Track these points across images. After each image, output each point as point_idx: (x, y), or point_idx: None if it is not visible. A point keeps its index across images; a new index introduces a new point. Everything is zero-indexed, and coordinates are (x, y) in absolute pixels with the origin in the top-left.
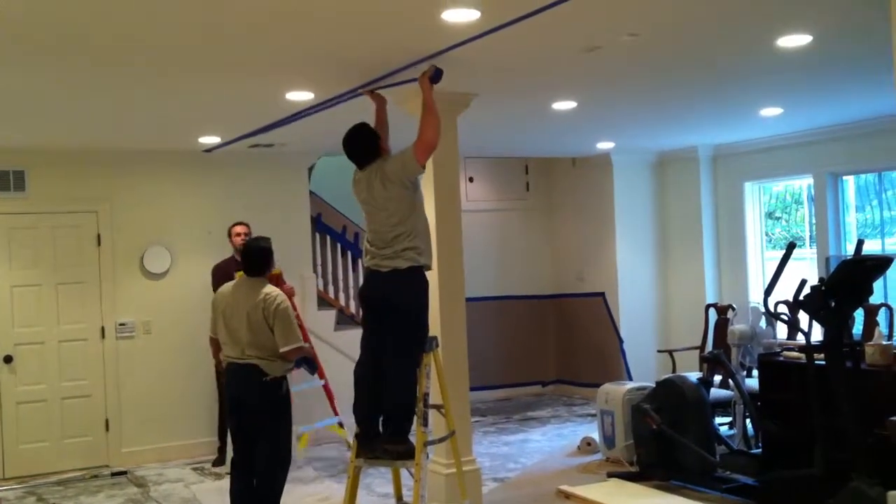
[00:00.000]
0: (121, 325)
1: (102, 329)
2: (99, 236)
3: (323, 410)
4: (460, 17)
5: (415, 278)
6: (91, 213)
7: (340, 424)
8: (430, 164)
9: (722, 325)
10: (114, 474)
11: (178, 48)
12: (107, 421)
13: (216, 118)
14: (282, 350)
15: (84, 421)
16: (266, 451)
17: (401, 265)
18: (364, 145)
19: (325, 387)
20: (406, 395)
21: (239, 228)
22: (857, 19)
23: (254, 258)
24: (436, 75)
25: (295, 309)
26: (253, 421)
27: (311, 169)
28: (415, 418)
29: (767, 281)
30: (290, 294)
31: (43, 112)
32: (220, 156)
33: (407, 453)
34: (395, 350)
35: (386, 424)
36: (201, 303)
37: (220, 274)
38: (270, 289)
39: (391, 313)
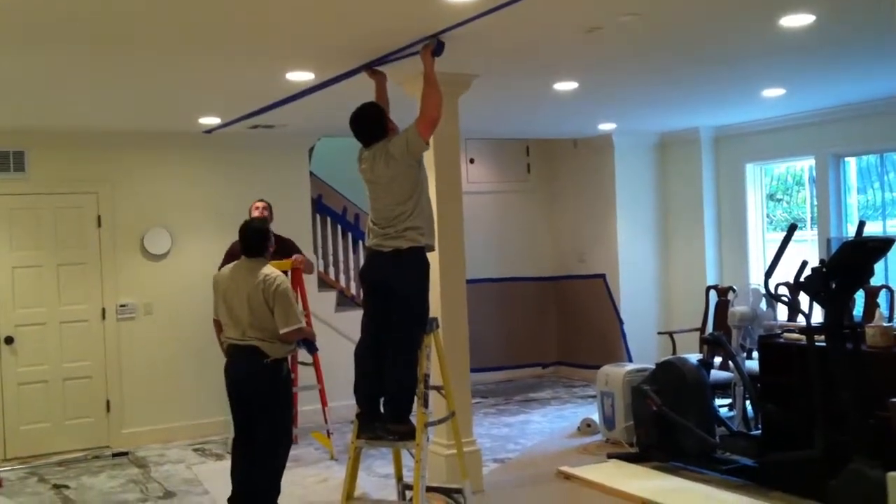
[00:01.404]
0: (121, 306)
1: (103, 310)
2: (99, 217)
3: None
4: None
5: (416, 259)
6: (91, 195)
7: (328, 433)
8: (431, 145)
9: (722, 306)
10: (115, 455)
11: (179, 28)
12: (108, 402)
13: (216, 99)
14: (282, 331)
15: (85, 402)
16: (267, 433)
17: (402, 245)
18: (371, 124)
19: (321, 391)
20: (407, 376)
21: (258, 204)
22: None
23: (251, 239)
24: (438, 48)
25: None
26: (254, 403)
27: (311, 150)
28: (415, 399)
29: (768, 263)
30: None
31: (43, 93)
32: (221, 137)
33: (408, 434)
34: (395, 331)
35: (387, 405)
36: (202, 284)
37: (232, 251)
38: (270, 270)
39: (391, 294)
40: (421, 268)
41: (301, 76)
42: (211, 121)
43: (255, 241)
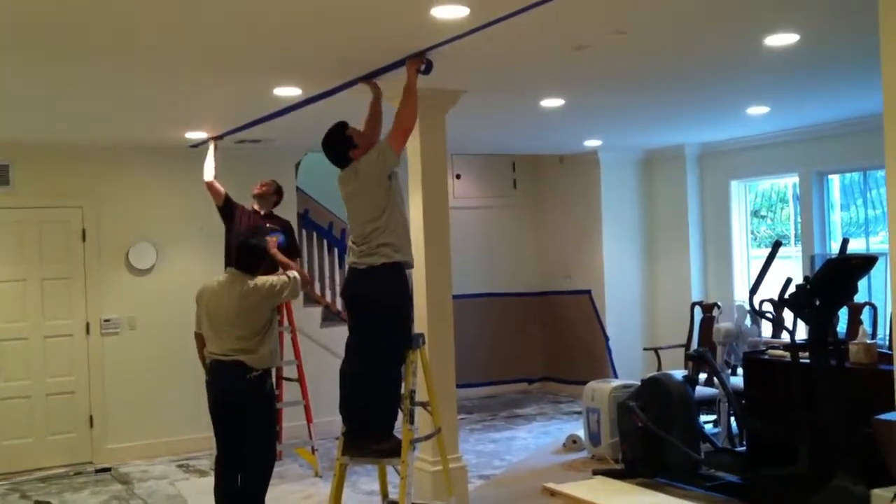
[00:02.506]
0: (106, 320)
1: (87, 325)
2: (84, 231)
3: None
4: (449, 13)
5: (390, 275)
6: (76, 209)
7: (313, 450)
8: (417, 160)
9: (707, 323)
10: (98, 471)
11: (166, 44)
12: (91, 417)
13: (203, 114)
14: (294, 274)
15: (68, 417)
16: (251, 449)
17: (375, 262)
18: (333, 148)
19: (306, 407)
20: (390, 393)
21: (265, 180)
22: (844, 19)
23: (248, 256)
24: (427, 68)
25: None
26: (238, 418)
27: (297, 165)
28: (400, 415)
29: (753, 279)
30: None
31: (28, 106)
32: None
33: (393, 451)
34: (377, 348)
35: (371, 422)
36: (187, 298)
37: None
38: (263, 277)
39: (370, 311)
40: (396, 284)
41: (288, 91)
42: (197, 135)
43: (251, 259)
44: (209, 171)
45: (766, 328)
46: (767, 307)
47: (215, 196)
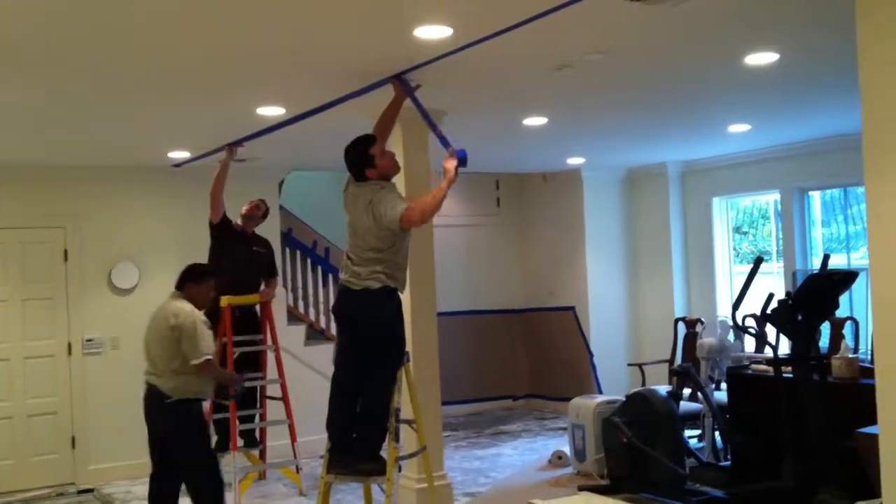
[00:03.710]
0: (88, 340)
1: (69, 345)
2: (66, 252)
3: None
4: (433, 34)
5: (385, 297)
6: (59, 229)
7: (297, 469)
8: (402, 179)
9: (691, 338)
10: (80, 492)
11: (148, 65)
12: (73, 438)
13: (186, 133)
14: (191, 363)
15: (50, 438)
16: (187, 477)
17: (371, 286)
18: (353, 161)
19: (290, 426)
20: (380, 413)
21: (255, 200)
22: (822, 37)
23: (183, 272)
24: (463, 160)
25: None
26: (162, 446)
27: (281, 183)
28: (387, 434)
29: (735, 295)
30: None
31: (9, 127)
32: (190, 170)
33: (379, 471)
34: (370, 367)
35: (357, 442)
36: None
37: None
38: (182, 304)
39: (363, 330)
40: (391, 305)
41: (272, 111)
42: (180, 155)
43: (184, 274)
44: (220, 182)
45: (749, 343)
46: (750, 322)
47: (216, 210)
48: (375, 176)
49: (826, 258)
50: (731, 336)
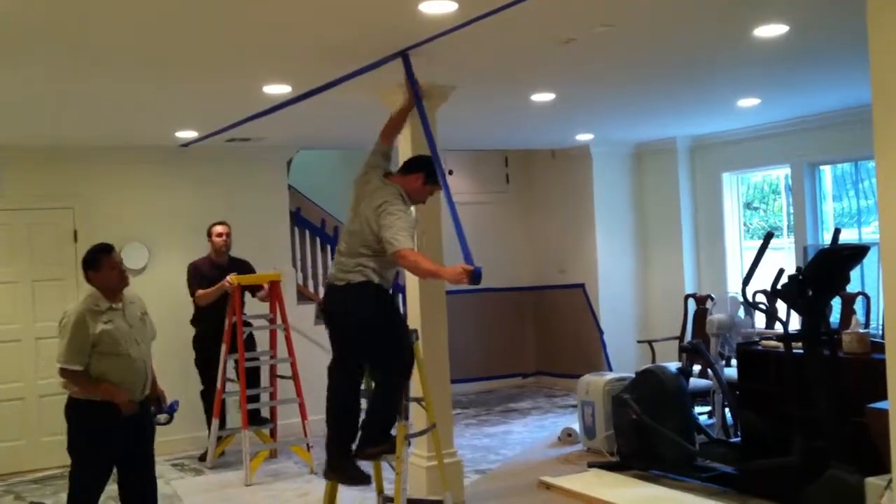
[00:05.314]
0: None
1: None
2: (75, 232)
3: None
4: (438, 8)
5: (367, 293)
6: (67, 210)
7: (308, 447)
8: (409, 156)
9: (701, 314)
10: None
11: (154, 44)
12: None
13: (193, 113)
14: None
15: (61, 418)
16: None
17: (353, 279)
18: (411, 165)
19: (301, 405)
20: (388, 416)
21: (219, 228)
22: (833, 9)
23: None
24: (476, 277)
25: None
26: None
27: (289, 162)
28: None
29: (745, 271)
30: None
31: (16, 108)
32: (198, 150)
33: (388, 449)
34: (374, 367)
35: (362, 430)
36: (179, 298)
37: (196, 272)
38: (74, 303)
39: (344, 326)
40: (376, 299)
41: (278, 89)
42: (187, 134)
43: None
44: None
45: (760, 319)
46: (760, 298)
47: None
48: (401, 184)
49: (837, 233)
50: (741, 312)
